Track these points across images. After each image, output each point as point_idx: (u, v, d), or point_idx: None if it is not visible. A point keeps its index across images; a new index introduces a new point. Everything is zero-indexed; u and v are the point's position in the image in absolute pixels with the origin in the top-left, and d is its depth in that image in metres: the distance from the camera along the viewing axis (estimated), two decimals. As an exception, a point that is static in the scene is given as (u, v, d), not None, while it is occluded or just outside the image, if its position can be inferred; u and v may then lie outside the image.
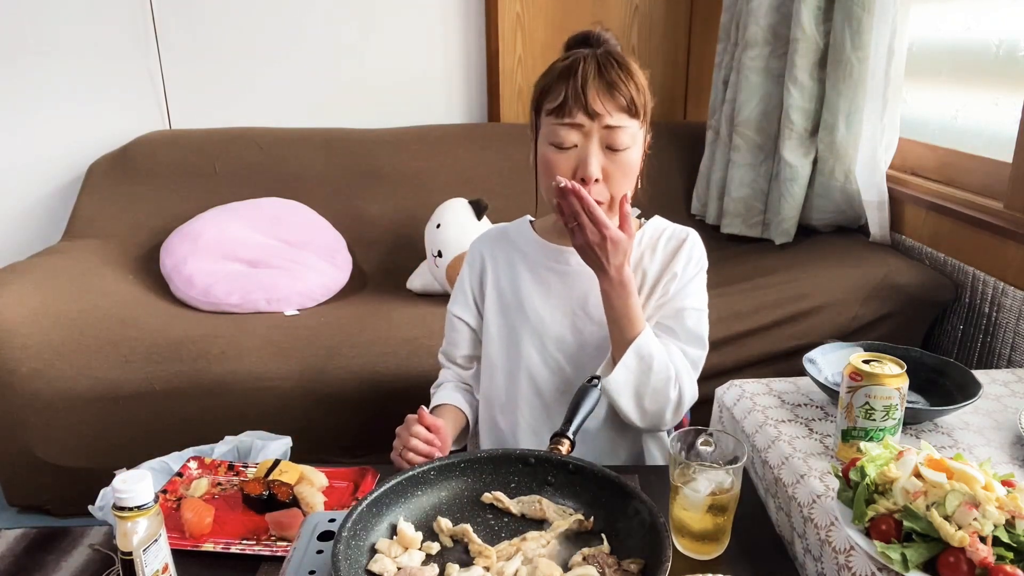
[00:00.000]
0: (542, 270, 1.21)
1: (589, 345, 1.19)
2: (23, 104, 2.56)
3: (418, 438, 1.06)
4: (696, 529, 0.88)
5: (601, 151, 1.08)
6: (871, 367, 0.93)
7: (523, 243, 1.25)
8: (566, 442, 0.96)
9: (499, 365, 1.24)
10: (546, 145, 1.11)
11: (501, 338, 1.24)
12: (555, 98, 1.08)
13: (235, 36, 2.63)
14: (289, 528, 0.97)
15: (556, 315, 1.20)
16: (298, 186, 2.53)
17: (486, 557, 0.80)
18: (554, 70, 1.11)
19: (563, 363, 1.20)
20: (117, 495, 0.74)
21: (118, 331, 1.92)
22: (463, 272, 1.29)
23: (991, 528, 0.71)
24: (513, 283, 1.23)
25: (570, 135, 1.08)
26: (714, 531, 0.88)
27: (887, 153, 2.03)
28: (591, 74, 1.07)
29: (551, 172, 1.09)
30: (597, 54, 1.10)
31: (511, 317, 1.22)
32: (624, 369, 1.09)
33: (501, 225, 1.33)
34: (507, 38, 2.66)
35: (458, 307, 1.28)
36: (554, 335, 1.20)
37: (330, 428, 1.91)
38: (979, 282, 1.78)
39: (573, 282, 1.19)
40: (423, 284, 2.32)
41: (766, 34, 2.20)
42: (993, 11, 1.83)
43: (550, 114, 1.09)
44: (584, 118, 1.07)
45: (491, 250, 1.27)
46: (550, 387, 1.21)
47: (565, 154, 1.09)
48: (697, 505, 0.86)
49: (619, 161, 1.09)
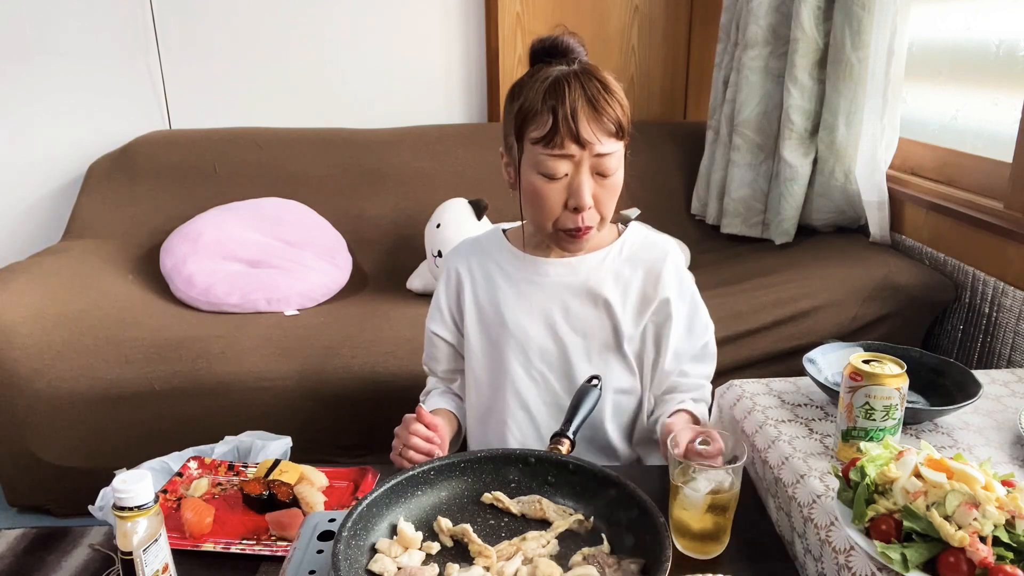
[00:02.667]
0: (520, 282, 1.19)
1: (572, 355, 1.18)
2: (23, 104, 2.56)
3: (418, 436, 1.06)
4: (696, 528, 0.88)
5: (591, 178, 1.07)
6: (871, 367, 0.93)
7: (499, 255, 1.22)
8: (566, 442, 0.96)
9: (484, 380, 1.23)
10: (534, 174, 1.08)
11: (484, 353, 1.22)
12: (542, 126, 1.04)
13: (235, 36, 2.63)
14: (289, 528, 0.97)
15: (537, 326, 1.18)
16: (298, 186, 2.53)
17: (486, 557, 0.80)
18: (533, 90, 1.06)
19: (547, 374, 1.19)
20: (117, 495, 0.74)
21: (118, 331, 1.92)
22: (439, 288, 1.26)
23: (991, 528, 0.71)
24: (492, 297, 1.20)
25: (560, 166, 1.06)
26: (714, 530, 0.88)
27: (887, 153, 2.03)
28: (579, 100, 1.04)
29: (542, 203, 1.08)
30: (578, 74, 1.06)
31: (493, 332, 1.21)
32: None
33: (474, 237, 1.29)
34: (507, 38, 2.66)
35: (435, 324, 1.27)
36: (537, 346, 1.18)
37: (330, 428, 1.91)
38: (979, 282, 1.78)
39: (551, 292, 1.18)
40: (423, 284, 2.32)
41: (766, 34, 2.20)
42: (993, 11, 1.83)
43: (537, 143, 1.05)
44: (575, 148, 1.04)
45: (467, 264, 1.24)
46: (536, 399, 1.20)
47: (556, 184, 1.07)
48: (697, 504, 0.86)
49: (608, 185, 1.09)
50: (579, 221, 1.08)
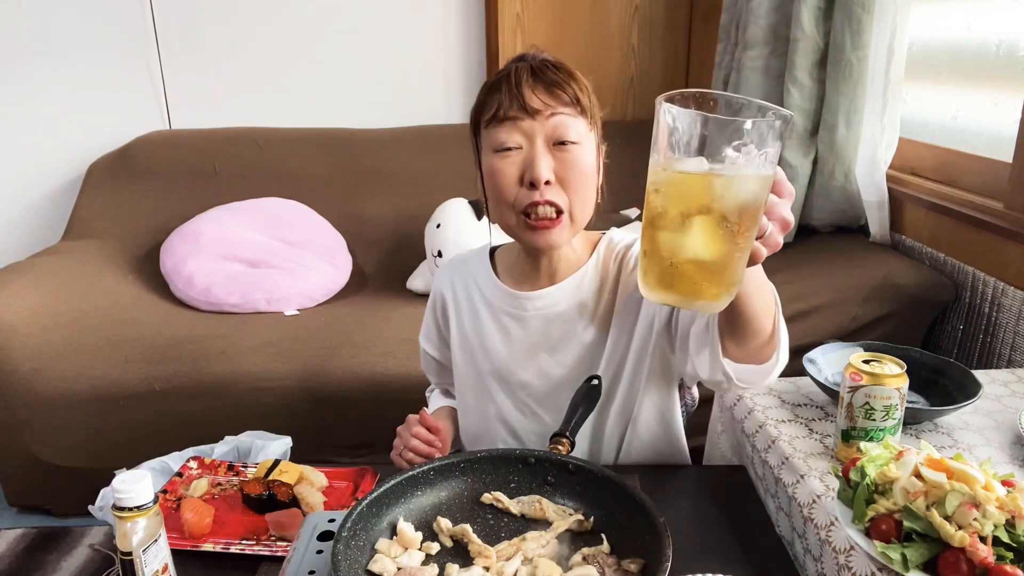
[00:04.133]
0: (501, 315, 1.13)
1: (560, 389, 1.10)
2: (23, 104, 2.56)
3: (418, 438, 1.06)
4: (686, 245, 0.62)
5: (548, 151, 0.99)
6: (871, 367, 0.93)
7: (482, 282, 1.16)
8: (566, 442, 0.96)
9: (472, 406, 1.19)
10: (489, 155, 1.02)
11: (471, 381, 1.18)
12: (491, 107, 1.01)
13: (235, 36, 2.63)
14: (289, 528, 0.97)
15: (522, 362, 1.12)
16: (298, 186, 2.53)
17: (486, 557, 0.80)
18: (485, 86, 1.05)
19: (536, 408, 1.14)
20: (117, 495, 0.74)
21: (118, 331, 1.92)
22: (429, 304, 1.24)
23: (991, 528, 0.71)
24: (476, 326, 1.16)
25: (512, 135, 0.99)
26: (713, 260, 0.63)
27: (887, 153, 2.03)
28: (523, 74, 1.00)
29: (498, 182, 1.01)
30: (531, 62, 1.03)
31: (477, 361, 1.16)
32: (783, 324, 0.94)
33: (463, 256, 1.24)
34: (507, 38, 2.66)
35: (425, 341, 1.26)
36: (521, 381, 1.13)
37: (330, 428, 1.91)
38: (979, 282, 1.78)
39: (530, 327, 1.11)
40: (423, 284, 2.32)
41: (766, 34, 2.20)
42: (993, 11, 1.83)
43: (489, 124, 1.01)
44: (523, 114, 0.98)
45: (451, 287, 1.19)
46: (525, 429, 1.16)
47: (510, 159, 1.00)
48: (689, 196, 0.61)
49: (570, 161, 0.99)
50: (536, 196, 0.99)
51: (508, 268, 1.15)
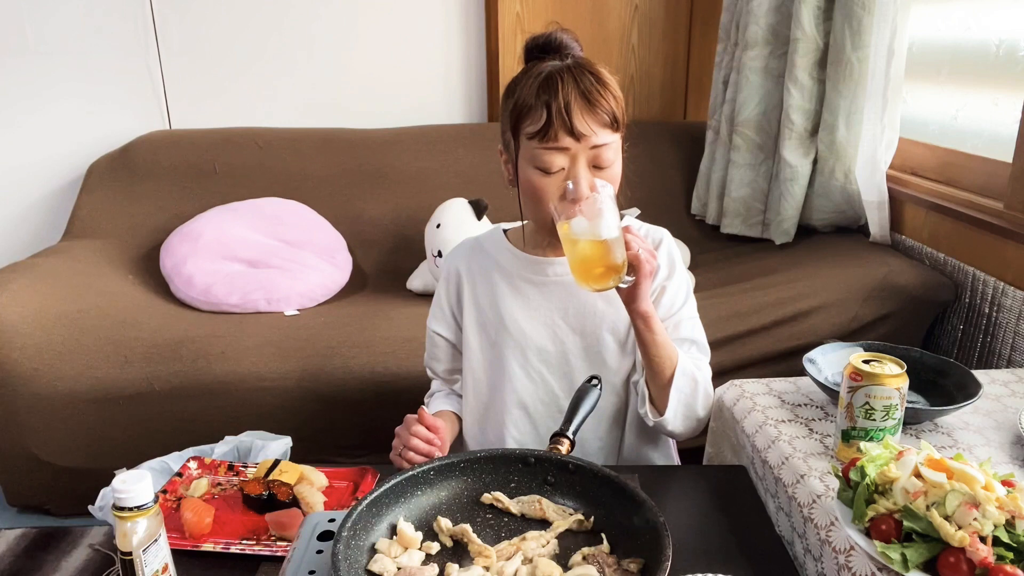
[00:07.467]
0: (520, 282, 1.20)
1: (571, 355, 1.19)
2: (23, 104, 2.56)
3: (418, 438, 1.06)
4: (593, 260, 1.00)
5: (588, 171, 1.06)
6: (871, 367, 0.93)
7: (499, 255, 1.22)
8: (566, 442, 0.96)
9: (482, 379, 1.24)
10: (531, 169, 1.08)
11: (483, 353, 1.23)
12: (536, 121, 1.05)
13: (235, 36, 2.63)
14: (289, 528, 0.97)
15: (537, 327, 1.19)
16: (298, 186, 2.53)
17: (486, 557, 0.80)
18: (526, 87, 1.08)
19: (546, 375, 1.20)
20: (117, 495, 0.74)
21: (118, 331, 1.92)
22: (439, 288, 1.27)
23: (991, 528, 0.71)
24: (492, 297, 1.21)
25: (557, 159, 1.06)
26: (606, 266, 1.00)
27: (887, 153, 2.03)
28: (572, 93, 1.04)
29: (540, 197, 1.08)
30: (571, 68, 1.07)
31: (492, 332, 1.21)
32: (677, 393, 1.10)
33: (474, 237, 1.30)
34: (507, 38, 2.66)
35: (436, 322, 1.28)
36: (536, 347, 1.19)
37: (330, 428, 1.91)
38: (979, 282, 1.78)
39: (551, 293, 1.18)
40: (423, 284, 2.32)
41: (766, 34, 2.20)
42: (993, 11, 1.83)
43: (532, 138, 1.06)
44: (570, 141, 1.05)
45: (467, 264, 1.24)
46: (534, 399, 1.21)
47: (552, 178, 1.07)
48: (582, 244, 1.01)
49: (605, 178, 1.07)
50: (573, 209, 1.05)
51: (526, 239, 1.22)
